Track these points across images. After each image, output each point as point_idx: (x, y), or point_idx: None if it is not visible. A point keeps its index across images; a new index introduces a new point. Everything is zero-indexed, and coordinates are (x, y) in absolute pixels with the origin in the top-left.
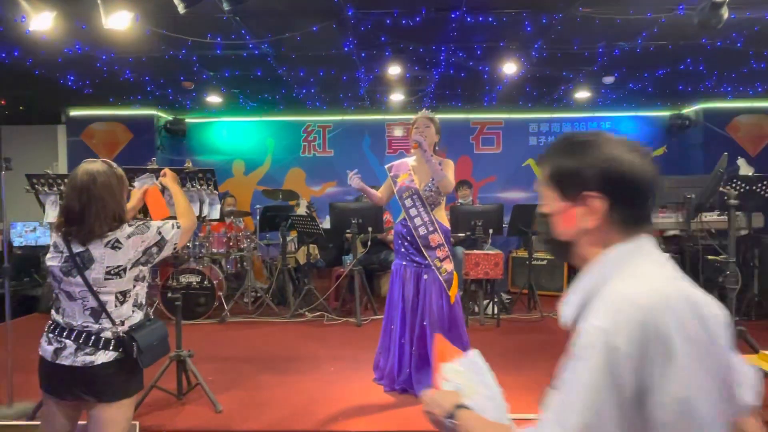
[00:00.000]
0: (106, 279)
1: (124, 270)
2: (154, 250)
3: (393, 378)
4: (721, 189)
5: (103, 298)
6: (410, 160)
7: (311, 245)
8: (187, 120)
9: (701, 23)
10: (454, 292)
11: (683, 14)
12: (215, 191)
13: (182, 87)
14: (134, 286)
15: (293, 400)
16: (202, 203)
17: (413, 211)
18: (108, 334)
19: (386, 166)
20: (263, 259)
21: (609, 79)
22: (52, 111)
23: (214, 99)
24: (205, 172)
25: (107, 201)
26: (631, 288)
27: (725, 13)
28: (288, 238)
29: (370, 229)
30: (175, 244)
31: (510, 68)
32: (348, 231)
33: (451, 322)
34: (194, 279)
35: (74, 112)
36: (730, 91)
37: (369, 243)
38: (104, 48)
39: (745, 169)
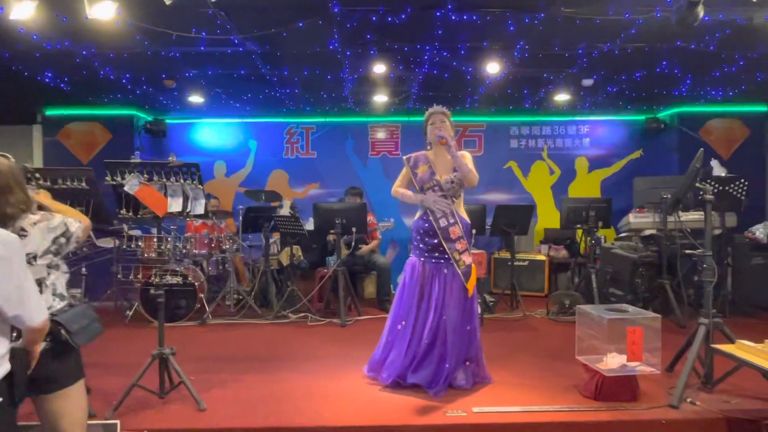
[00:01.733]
0: None
1: (35, 257)
2: (63, 240)
3: (393, 371)
4: (697, 185)
5: None
6: (429, 153)
7: (294, 246)
8: (167, 121)
9: (678, 21)
10: (472, 285)
11: (659, 16)
12: (200, 186)
13: (164, 85)
14: (49, 274)
15: (278, 397)
16: (186, 198)
17: None
18: None
19: (404, 157)
20: (245, 260)
21: (588, 82)
22: (27, 110)
23: (195, 99)
24: (189, 167)
25: (15, 188)
26: None
27: (701, 11)
28: (271, 240)
29: (354, 229)
30: (78, 237)
31: (493, 68)
32: (332, 231)
33: (467, 315)
34: (175, 280)
35: (51, 112)
36: (703, 95)
37: (353, 244)
38: (85, 43)
39: (719, 171)
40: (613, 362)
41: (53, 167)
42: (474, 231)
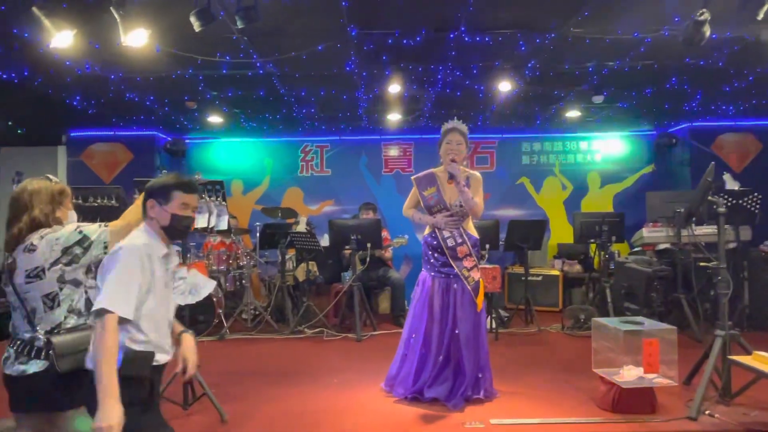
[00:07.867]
0: (27, 283)
1: (43, 271)
2: (77, 250)
3: (408, 385)
4: (709, 199)
5: (31, 304)
6: (438, 172)
7: (310, 262)
8: (186, 140)
9: (686, 40)
10: (480, 300)
11: (668, 35)
12: (223, 203)
13: (185, 107)
14: (61, 289)
15: (299, 410)
16: (210, 214)
17: None
18: (40, 342)
19: (413, 178)
20: (261, 276)
21: (598, 98)
22: (53, 132)
23: (215, 119)
24: (214, 184)
25: (30, 208)
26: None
27: (707, 30)
28: (287, 256)
29: (368, 245)
30: (105, 242)
31: (505, 87)
32: (347, 247)
33: (477, 329)
34: None
35: (75, 134)
36: (713, 110)
37: (368, 259)
38: (114, 67)
39: (731, 184)
40: (629, 374)
41: (84, 186)
42: (488, 246)
